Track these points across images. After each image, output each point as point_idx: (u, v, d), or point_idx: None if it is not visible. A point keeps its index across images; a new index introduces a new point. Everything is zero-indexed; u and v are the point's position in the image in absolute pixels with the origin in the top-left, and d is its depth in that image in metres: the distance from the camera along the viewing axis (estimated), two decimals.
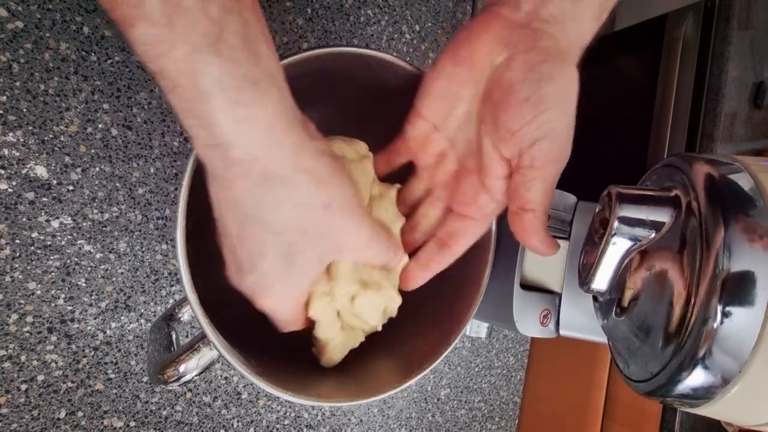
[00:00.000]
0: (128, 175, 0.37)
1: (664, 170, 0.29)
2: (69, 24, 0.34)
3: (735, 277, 0.21)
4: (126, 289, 0.37)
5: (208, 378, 0.41)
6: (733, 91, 0.99)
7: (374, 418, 0.52)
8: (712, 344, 0.21)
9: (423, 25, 0.55)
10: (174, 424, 0.40)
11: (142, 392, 0.38)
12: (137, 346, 0.38)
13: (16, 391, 0.33)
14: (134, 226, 0.37)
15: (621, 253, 0.27)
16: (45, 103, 0.34)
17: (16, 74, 0.33)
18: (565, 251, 0.38)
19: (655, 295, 0.26)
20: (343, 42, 0.48)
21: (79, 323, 0.35)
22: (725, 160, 0.25)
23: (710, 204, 0.23)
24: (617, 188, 0.27)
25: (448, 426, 0.60)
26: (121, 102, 0.37)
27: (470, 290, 0.35)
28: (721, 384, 0.22)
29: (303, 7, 0.46)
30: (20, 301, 0.33)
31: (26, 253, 0.33)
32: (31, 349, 0.34)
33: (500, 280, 0.38)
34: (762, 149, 1.13)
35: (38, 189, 0.34)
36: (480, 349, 0.62)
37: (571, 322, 0.38)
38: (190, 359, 0.27)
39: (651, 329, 0.25)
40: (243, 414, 0.43)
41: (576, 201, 0.39)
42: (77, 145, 0.35)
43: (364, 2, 0.50)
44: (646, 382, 0.25)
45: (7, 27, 0.32)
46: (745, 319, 0.21)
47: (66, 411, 0.35)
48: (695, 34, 1.01)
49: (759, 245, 0.21)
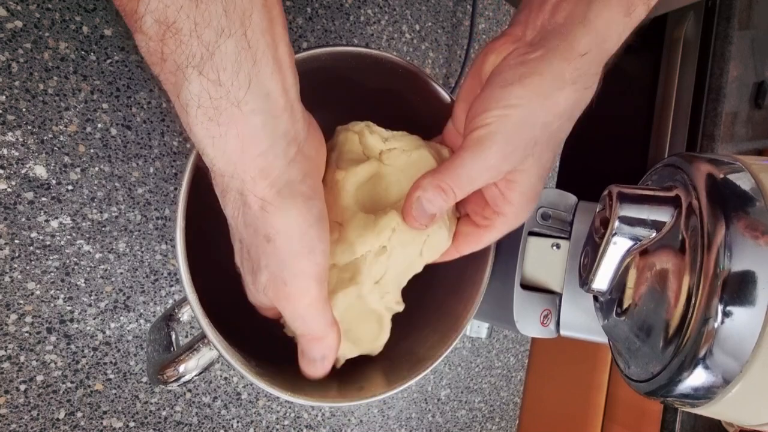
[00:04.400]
0: (127, 175, 0.37)
1: (665, 170, 0.29)
2: (68, 23, 0.34)
3: (736, 277, 0.21)
4: (125, 290, 0.37)
5: (207, 378, 0.41)
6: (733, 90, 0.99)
7: (374, 419, 0.52)
8: (713, 344, 0.21)
9: (423, 25, 0.54)
10: (173, 424, 0.40)
11: (141, 392, 0.38)
12: (137, 347, 0.38)
13: (15, 392, 0.33)
14: (133, 226, 0.37)
15: (621, 252, 0.27)
16: (44, 103, 0.34)
17: (15, 74, 0.33)
18: (565, 251, 0.38)
19: (656, 294, 0.26)
20: (343, 42, 0.48)
21: (78, 323, 0.35)
22: (726, 159, 0.25)
23: (711, 203, 0.23)
24: (618, 188, 0.27)
25: (448, 426, 0.60)
26: (121, 102, 0.37)
27: (470, 290, 0.35)
28: (722, 384, 0.22)
29: (303, 6, 0.46)
30: (19, 302, 0.33)
31: (25, 253, 0.33)
32: (30, 350, 0.34)
33: (500, 280, 0.38)
34: (763, 149, 1.13)
35: (37, 189, 0.34)
36: (480, 349, 0.62)
37: (572, 323, 0.38)
38: (189, 359, 0.26)
39: (652, 329, 0.25)
40: (243, 414, 0.43)
41: (576, 201, 0.39)
42: (76, 144, 0.35)
43: (364, 2, 0.50)
44: (646, 382, 0.25)
45: (6, 26, 0.32)
46: (746, 318, 0.21)
47: (65, 411, 0.35)
48: (696, 34, 1.01)
49: (760, 244, 0.21)
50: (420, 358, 0.33)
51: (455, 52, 0.58)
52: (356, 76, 0.33)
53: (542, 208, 0.38)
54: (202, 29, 0.17)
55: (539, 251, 0.38)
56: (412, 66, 0.33)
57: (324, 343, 0.25)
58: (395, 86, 0.34)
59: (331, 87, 0.32)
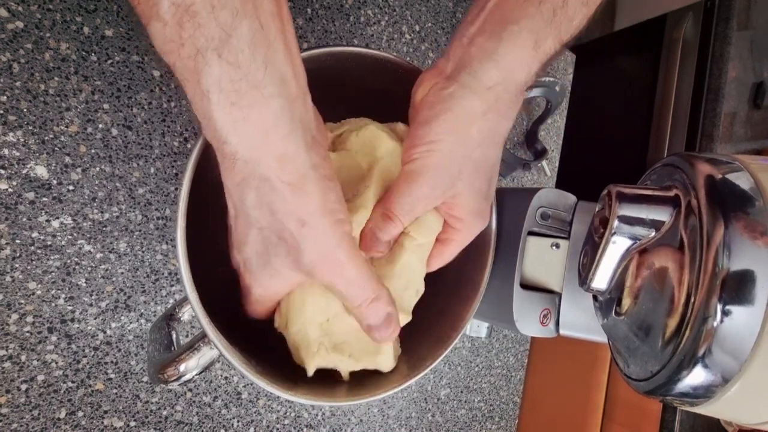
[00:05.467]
0: (128, 175, 0.37)
1: (664, 169, 0.29)
2: (69, 24, 0.34)
3: (735, 276, 0.21)
4: (126, 289, 0.37)
5: (208, 378, 0.41)
6: (732, 91, 0.99)
7: (374, 418, 0.52)
8: (712, 343, 0.21)
9: (423, 25, 0.55)
10: (174, 423, 0.40)
11: (142, 392, 0.38)
12: (137, 346, 0.38)
13: (16, 391, 0.33)
14: (134, 226, 0.37)
15: (621, 252, 0.27)
16: (45, 103, 0.34)
17: (16, 74, 0.33)
18: (565, 251, 0.38)
19: (655, 294, 0.26)
20: (343, 42, 0.48)
21: (79, 323, 0.35)
22: (725, 159, 0.25)
23: (710, 203, 0.23)
24: (617, 187, 0.27)
25: (448, 426, 0.60)
26: (122, 102, 0.37)
27: (470, 290, 0.35)
28: (721, 383, 0.22)
29: (303, 7, 0.46)
30: (20, 301, 0.33)
31: (26, 253, 0.33)
32: (32, 349, 0.34)
33: (500, 280, 0.38)
34: (762, 149, 1.13)
35: (38, 189, 0.34)
36: (480, 348, 0.62)
37: (571, 322, 0.38)
38: (190, 359, 0.27)
39: (651, 328, 0.25)
40: (243, 414, 0.43)
41: (576, 201, 0.39)
42: (77, 145, 0.35)
43: (364, 2, 0.50)
44: (646, 381, 0.25)
45: (7, 27, 0.32)
46: (745, 317, 0.21)
47: (66, 411, 0.35)
48: (695, 35, 1.01)
49: (759, 244, 0.21)
50: (420, 358, 0.33)
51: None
52: (356, 77, 0.33)
53: (542, 208, 0.38)
54: (219, 11, 0.18)
55: (539, 251, 0.38)
56: (412, 66, 0.33)
57: (383, 300, 0.26)
58: (395, 86, 0.34)
59: (331, 87, 0.32)
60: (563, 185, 0.47)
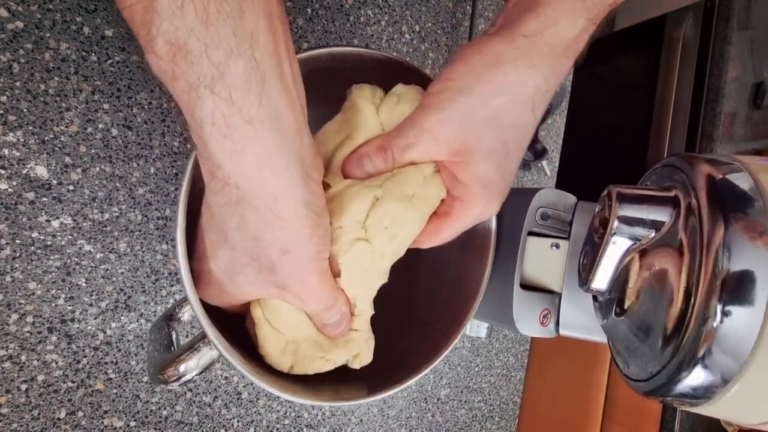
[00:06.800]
0: (128, 175, 0.37)
1: (664, 170, 0.29)
2: (69, 24, 0.34)
3: (735, 277, 0.21)
4: (126, 289, 0.37)
5: (208, 378, 0.41)
6: (732, 91, 0.99)
7: (374, 418, 0.52)
8: (712, 343, 0.21)
9: (423, 25, 0.55)
10: (174, 423, 0.40)
11: (142, 392, 0.38)
12: (137, 346, 0.38)
13: (16, 391, 0.33)
14: (134, 226, 0.37)
15: (621, 252, 0.27)
16: (45, 103, 0.34)
17: (16, 74, 0.33)
18: (565, 251, 0.38)
19: (655, 294, 0.26)
20: (343, 42, 0.48)
21: (79, 323, 0.35)
22: (725, 159, 0.25)
23: (710, 203, 0.23)
24: (617, 188, 0.27)
25: (448, 426, 0.60)
26: (122, 102, 0.37)
27: (470, 290, 0.35)
28: (721, 383, 0.22)
29: (303, 7, 0.46)
30: (20, 301, 0.33)
31: (26, 253, 0.33)
32: (32, 349, 0.34)
33: (500, 280, 0.38)
34: (762, 149, 1.13)
35: (38, 189, 0.34)
36: (480, 349, 0.62)
37: (571, 322, 0.38)
38: (190, 359, 0.27)
39: (651, 329, 0.25)
40: (243, 414, 0.43)
41: (576, 201, 0.39)
42: (77, 145, 0.35)
43: (364, 2, 0.50)
44: (645, 381, 0.25)
45: (7, 27, 0.32)
46: (744, 318, 0.21)
47: (66, 411, 0.35)
48: (695, 35, 1.01)
49: (759, 244, 0.21)
50: (420, 358, 0.33)
51: (455, 52, 0.58)
52: (356, 77, 0.33)
53: (542, 208, 0.38)
54: (212, 50, 0.18)
55: (539, 251, 0.38)
56: (412, 66, 0.33)
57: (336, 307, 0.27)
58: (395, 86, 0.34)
59: (331, 87, 0.32)
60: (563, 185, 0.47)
